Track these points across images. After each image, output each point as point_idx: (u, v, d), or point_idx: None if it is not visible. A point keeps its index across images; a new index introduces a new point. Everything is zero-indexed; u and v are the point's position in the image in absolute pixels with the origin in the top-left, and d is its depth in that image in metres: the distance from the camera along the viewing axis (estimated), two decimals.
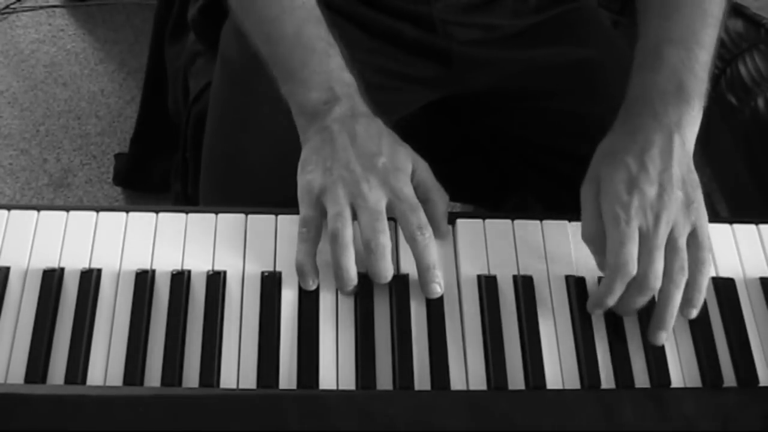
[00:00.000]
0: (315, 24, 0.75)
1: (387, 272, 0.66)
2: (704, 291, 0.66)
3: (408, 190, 0.67)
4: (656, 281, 0.65)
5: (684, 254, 0.66)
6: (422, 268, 0.66)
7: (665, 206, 0.66)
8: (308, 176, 0.68)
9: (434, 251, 0.66)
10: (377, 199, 0.66)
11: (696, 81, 0.71)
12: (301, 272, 0.66)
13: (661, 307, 0.65)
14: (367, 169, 0.67)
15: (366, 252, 0.65)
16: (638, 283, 0.65)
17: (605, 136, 0.73)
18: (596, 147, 0.75)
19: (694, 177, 0.69)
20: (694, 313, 0.66)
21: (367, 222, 0.65)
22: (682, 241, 0.66)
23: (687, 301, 0.66)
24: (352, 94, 0.72)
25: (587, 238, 0.68)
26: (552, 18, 0.93)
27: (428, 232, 0.66)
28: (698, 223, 0.67)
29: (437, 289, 0.66)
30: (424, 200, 0.70)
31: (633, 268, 0.64)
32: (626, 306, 0.66)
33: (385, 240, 0.65)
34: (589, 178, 0.70)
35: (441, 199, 0.71)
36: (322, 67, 0.73)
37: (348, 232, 0.65)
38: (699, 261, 0.66)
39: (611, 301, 0.65)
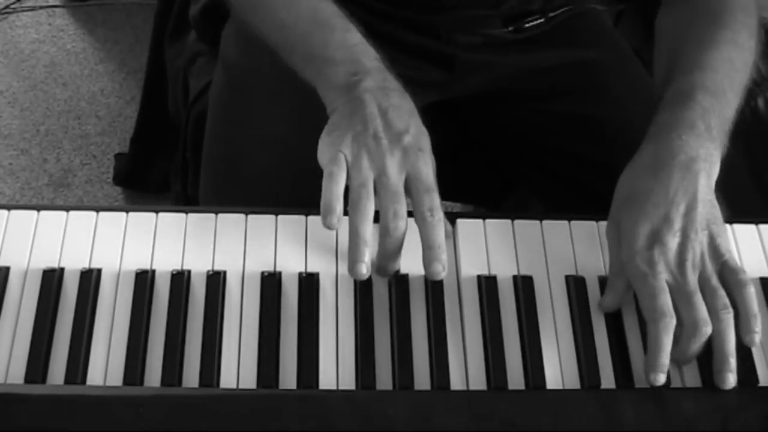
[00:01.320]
0: (328, 3, 0.74)
1: (397, 256, 0.66)
2: (757, 311, 0.65)
3: (427, 171, 0.67)
4: (706, 326, 0.63)
5: (721, 291, 0.65)
6: (427, 246, 0.65)
7: (688, 253, 0.65)
8: (335, 138, 0.67)
9: (442, 233, 0.65)
10: (399, 178, 0.66)
11: (721, 128, 0.71)
12: (327, 209, 0.64)
13: (719, 350, 0.64)
14: (392, 142, 0.67)
15: (382, 234, 0.65)
16: (689, 332, 0.64)
17: (626, 169, 0.71)
18: (597, 147, 0.75)
19: (717, 213, 0.68)
20: (757, 339, 0.65)
21: (388, 204, 0.65)
22: (715, 280, 0.65)
23: (746, 329, 0.65)
24: (381, 67, 0.71)
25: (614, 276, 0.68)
26: (556, 23, 0.93)
27: (438, 214, 0.65)
28: (727, 256, 0.66)
29: (439, 268, 0.64)
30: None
31: (672, 317, 0.63)
32: (685, 355, 0.64)
33: (403, 224, 0.65)
34: (611, 219, 0.70)
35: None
36: (345, 43, 0.72)
37: (370, 205, 0.65)
38: (740, 285, 0.65)
39: (666, 356, 0.63)
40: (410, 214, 0.66)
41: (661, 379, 0.63)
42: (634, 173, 0.70)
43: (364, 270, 0.64)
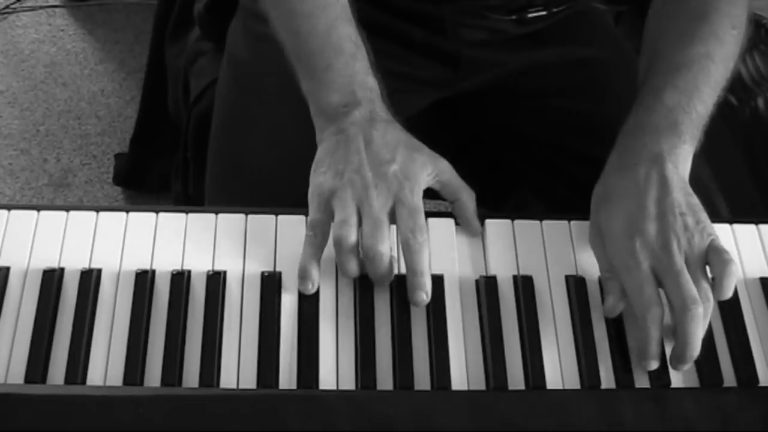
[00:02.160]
0: (346, 23, 0.75)
1: (385, 278, 0.66)
2: (730, 296, 0.65)
3: (411, 196, 0.67)
4: (695, 304, 0.63)
5: (704, 283, 0.65)
6: (410, 272, 0.66)
7: (671, 234, 0.65)
8: (320, 178, 0.68)
9: (425, 258, 0.65)
10: (381, 206, 0.66)
11: (690, 123, 0.71)
12: (302, 275, 0.66)
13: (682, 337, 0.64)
14: (378, 176, 0.67)
15: (365, 258, 0.65)
16: (680, 315, 0.63)
17: (599, 180, 0.72)
18: (598, 145, 0.75)
19: (695, 201, 0.68)
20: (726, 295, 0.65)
21: (368, 230, 0.65)
22: (701, 265, 0.65)
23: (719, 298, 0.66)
24: (373, 98, 0.72)
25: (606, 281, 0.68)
26: (559, 20, 0.93)
27: (422, 237, 0.66)
28: (711, 238, 0.66)
29: (423, 297, 0.65)
30: (453, 200, 0.71)
31: (659, 306, 0.64)
32: (691, 340, 0.63)
33: (383, 248, 0.65)
34: (592, 226, 0.70)
35: (469, 198, 0.71)
36: (347, 70, 0.72)
37: (351, 240, 0.65)
38: (723, 263, 0.65)
39: (657, 346, 0.64)
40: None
41: (653, 365, 0.64)
42: (604, 177, 0.71)
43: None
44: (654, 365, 0.64)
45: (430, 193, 0.71)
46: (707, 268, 0.66)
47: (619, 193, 0.69)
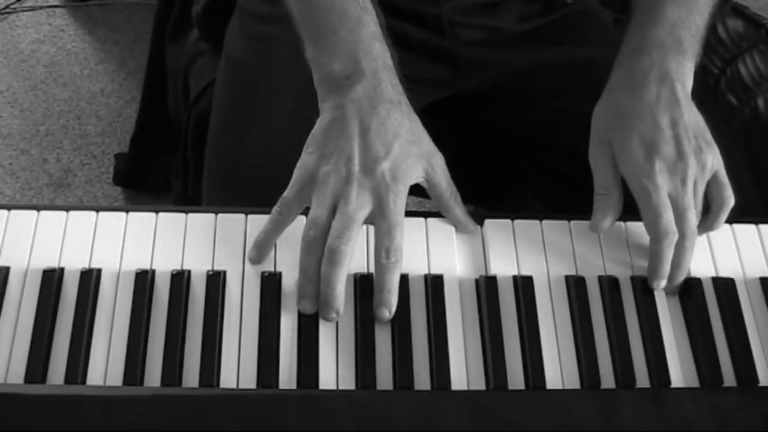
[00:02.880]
0: None
1: (336, 281, 0.64)
2: (717, 230, 0.71)
3: (393, 207, 0.65)
4: (694, 236, 0.68)
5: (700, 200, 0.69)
6: (377, 287, 0.65)
7: (687, 165, 0.68)
8: (306, 157, 0.67)
9: (394, 277, 0.65)
10: (359, 206, 0.65)
11: (692, 39, 0.73)
12: (256, 246, 0.66)
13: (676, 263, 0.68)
14: (365, 170, 0.66)
15: (325, 252, 0.64)
16: (680, 242, 0.67)
17: (605, 92, 0.73)
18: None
19: (701, 121, 0.70)
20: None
21: (337, 227, 0.64)
22: (701, 189, 0.69)
23: (704, 229, 0.70)
24: (378, 70, 0.69)
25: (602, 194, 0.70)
26: (557, 19, 0.93)
27: (395, 256, 0.65)
28: (717, 166, 0.69)
29: (386, 314, 0.64)
30: (437, 204, 0.70)
31: (675, 234, 0.67)
32: (684, 264, 0.68)
33: (345, 249, 0.64)
34: (598, 141, 0.71)
35: (451, 201, 0.70)
36: (352, 36, 0.70)
37: (317, 241, 0.65)
38: (724, 201, 0.69)
39: (668, 266, 0.67)
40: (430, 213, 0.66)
41: (662, 284, 0.68)
42: (612, 96, 0.72)
43: (308, 306, 0.65)
44: (663, 285, 0.68)
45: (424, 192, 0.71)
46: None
47: (632, 113, 0.70)
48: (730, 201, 0.70)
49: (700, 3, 0.74)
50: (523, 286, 0.68)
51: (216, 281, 0.66)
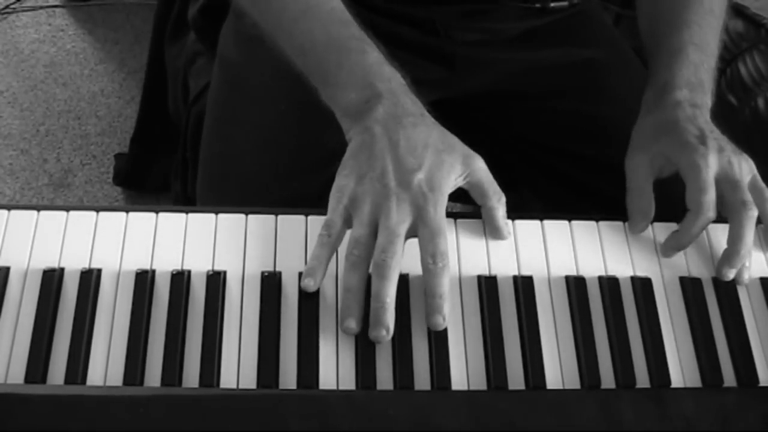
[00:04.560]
0: (346, 26, 0.73)
1: (386, 295, 0.63)
2: None
3: (434, 215, 0.65)
4: (754, 207, 0.71)
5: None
6: (429, 294, 0.64)
7: (732, 153, 0.72)
8: (342, 181, 0.67)
9: (445, 282, 0.64)
10: (400, 220, 0.65)
11: (709, 80, 0.79)
12: (309, 273, 0.65)
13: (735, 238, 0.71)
14: (401, 185, 0.65)
15: (372, 268, 0.64)
16: (737, 211, 0.70)
17: (641, 118, 0.78)
18: (598, 146, 0.75)
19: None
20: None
21: (382, 242, 0.64)
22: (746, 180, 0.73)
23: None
24: (394, 89, 0.70)
25: (637, 210, 0.73)
26: (556, 20, 0.93)
27: (442, 261, 0.64)
28: (755, 171, 0.73)
29: (440, 320, 0.63)
30: (480, 204, 0.70)
31: (713, 213, 0.70)
32: (746, 238, 0.70)
33: (393, 263, 0.63)
34: (639, 148, 0.75)
35: (498, 202, 0.70)
36: (359, 65, 0.70)
37: (360, 257, 0.64)
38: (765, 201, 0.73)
39: (690, 240, 0.70)
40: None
41: (675, 254, 0.71)
42: (652, 115, 0.77)
43: (353, 324, 0.64)
44: (675, 253, 0.71)
45: (455, 195, 0.71)
46: None
47: (675, 122, 0.74)
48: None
49: (712, 47, 0.81)
50: (523, 286, 0.68)
51: (216, 281, 0.66)
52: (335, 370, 0.63)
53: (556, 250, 0.71)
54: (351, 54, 0.71)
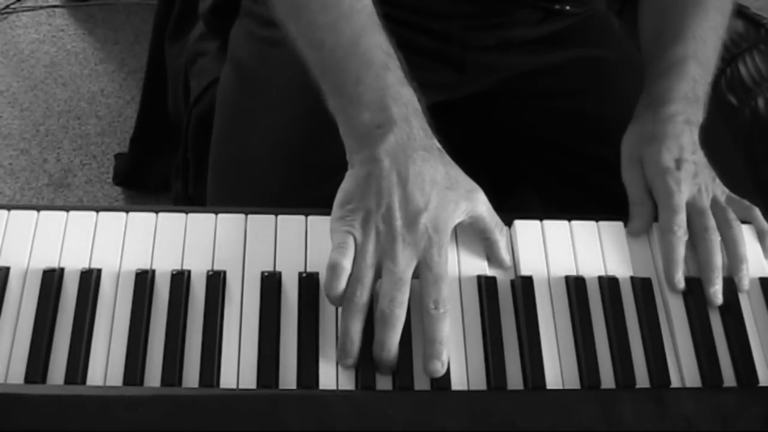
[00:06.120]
0: (375, 31, 0.70)
1: (392, 344, 0.62)
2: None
3: (438, 259, 0.64)
4: (715, 233, 0.72)
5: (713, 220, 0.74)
6: (428, 340, 0.62)
7: (704, 179, 0.75)
8: (347, 212, 0.65)
9: (445, 328, 0.63)
10: (406, 265, 0.63)
11: (705, 95, 0.80)
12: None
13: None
14: (407, 226, 0.64)
15: (378, 317, 0.63)
16: (708, 237, 0.71)
17: (632, 125, 0.79)
18: (604, 145, 0.76)
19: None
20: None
21: (388, 289, 0.63)
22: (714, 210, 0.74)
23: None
24: (408, 116, 0.67)
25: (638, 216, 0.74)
26: (567, 25, 0.93)
27: (444, 307, 0.63)
28: (727, 192, 0.76)
29: (438, 367, 0.62)
30: (482, 237, 0.69)
31: (685, 233, 0.71)
32: (710, 261, 0.71)
33: (401, 313, 0.62)
34: (629, 160, 0.77)
35: (499, 235, 0.69)
36: (378, 83, 0.67)
37: (363, 300, 0.63)
38: (750, 208, 0.76)
39: (681, 261, 0.70)
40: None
41: (682, 281, 0.70)
42: (641, 126, 0.78)
43: (351, 363, 0.63)
44: (682, 281, 0.70)
45: None
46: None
47: (661, 136, 0.76)
48: (754, 208, 0.76)
49: (712, 63, 0.82)
50: (524, 286, 0.68)
51: (216, 281, 0.66)
52: (335, 370, 0.63)
53: (556, 251, 0.71)
54: (372, 68, 0.68)
